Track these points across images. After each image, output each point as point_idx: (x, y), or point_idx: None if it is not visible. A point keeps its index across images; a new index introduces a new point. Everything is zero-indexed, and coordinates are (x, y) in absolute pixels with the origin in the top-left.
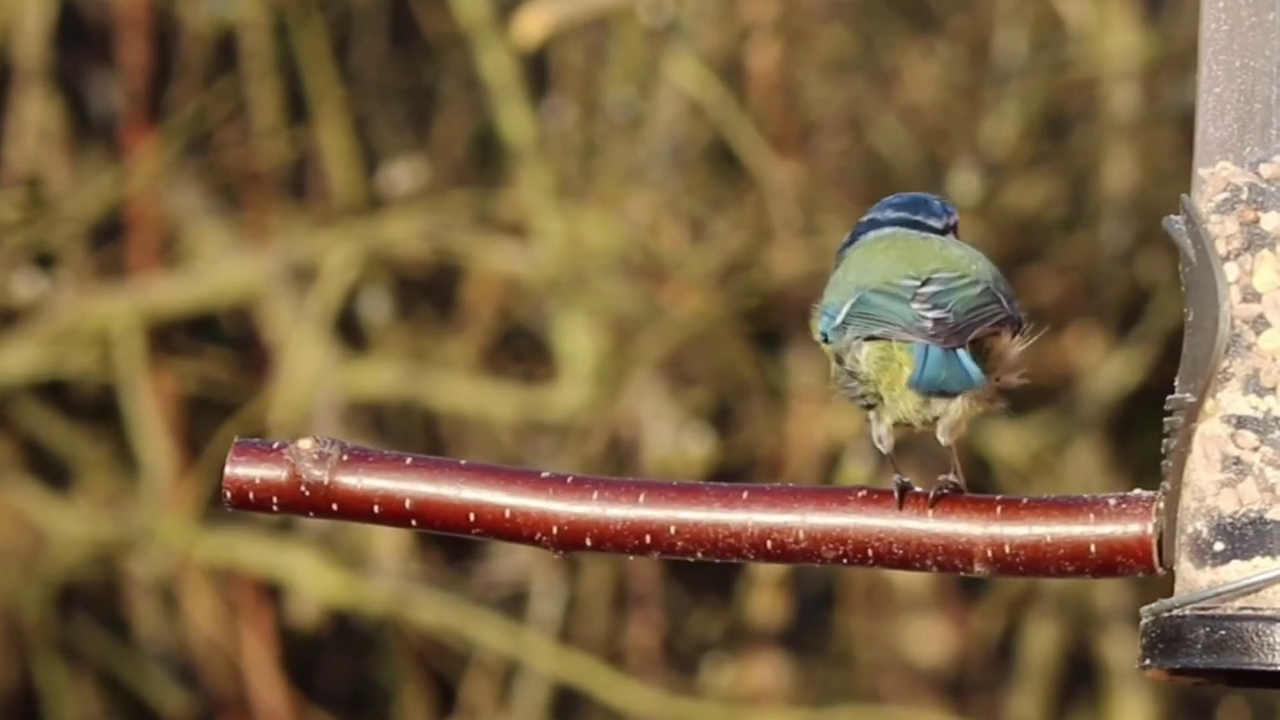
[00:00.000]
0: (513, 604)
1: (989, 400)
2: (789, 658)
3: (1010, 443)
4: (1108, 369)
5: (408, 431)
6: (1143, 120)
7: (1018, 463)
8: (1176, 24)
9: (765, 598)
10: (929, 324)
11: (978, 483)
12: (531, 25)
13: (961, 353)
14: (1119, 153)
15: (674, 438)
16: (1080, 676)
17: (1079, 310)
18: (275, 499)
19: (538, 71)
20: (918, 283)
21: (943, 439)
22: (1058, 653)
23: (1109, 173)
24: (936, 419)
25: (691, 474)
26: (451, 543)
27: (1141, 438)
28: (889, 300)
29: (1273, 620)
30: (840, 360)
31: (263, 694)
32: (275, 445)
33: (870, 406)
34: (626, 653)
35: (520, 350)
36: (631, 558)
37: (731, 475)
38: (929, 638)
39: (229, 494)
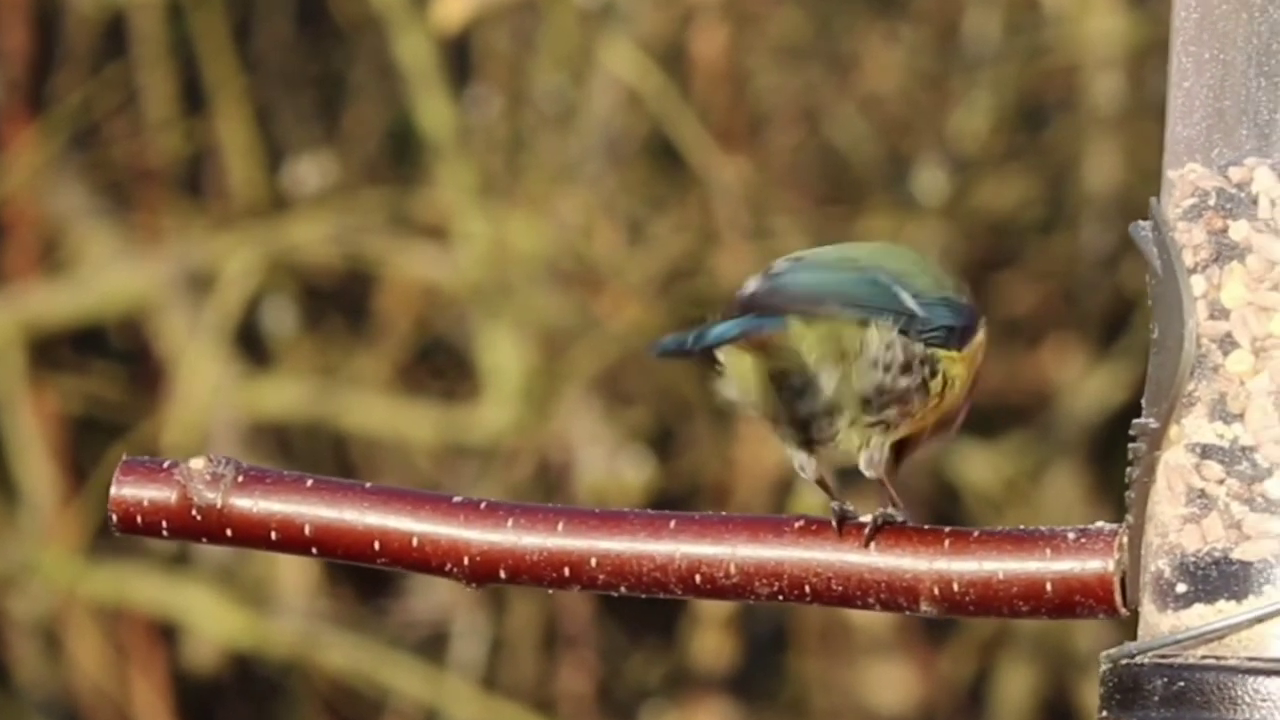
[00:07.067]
0: (431, 645)
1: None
2: (737, 705)
3: (982, 468)
4: (1089, 386)
5: (315, 455)
6: (1127, 112)
7: (990, 490)
8: (1164, 6)
9: (711, 638)
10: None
11: (946, 513)
12: (453, 7)
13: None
14: (1101, 147)
15: (609, 462)
16: None
17: (1057, 321)
18: (165, 523)
19: (459, 58)
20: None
21: (866, 472)
22: (1033, 699)
23: (1090, 169)
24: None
25: (629, 502)
26: (364, 578)
27: (1127, 462)
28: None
29: (1235, 670)
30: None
31: None
32: (165, 464)
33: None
34: (557, 699)
35: (440, 365)
36: (562, 593)
37: (673, 504)
38: (891, 682)
39: (115, 516)
